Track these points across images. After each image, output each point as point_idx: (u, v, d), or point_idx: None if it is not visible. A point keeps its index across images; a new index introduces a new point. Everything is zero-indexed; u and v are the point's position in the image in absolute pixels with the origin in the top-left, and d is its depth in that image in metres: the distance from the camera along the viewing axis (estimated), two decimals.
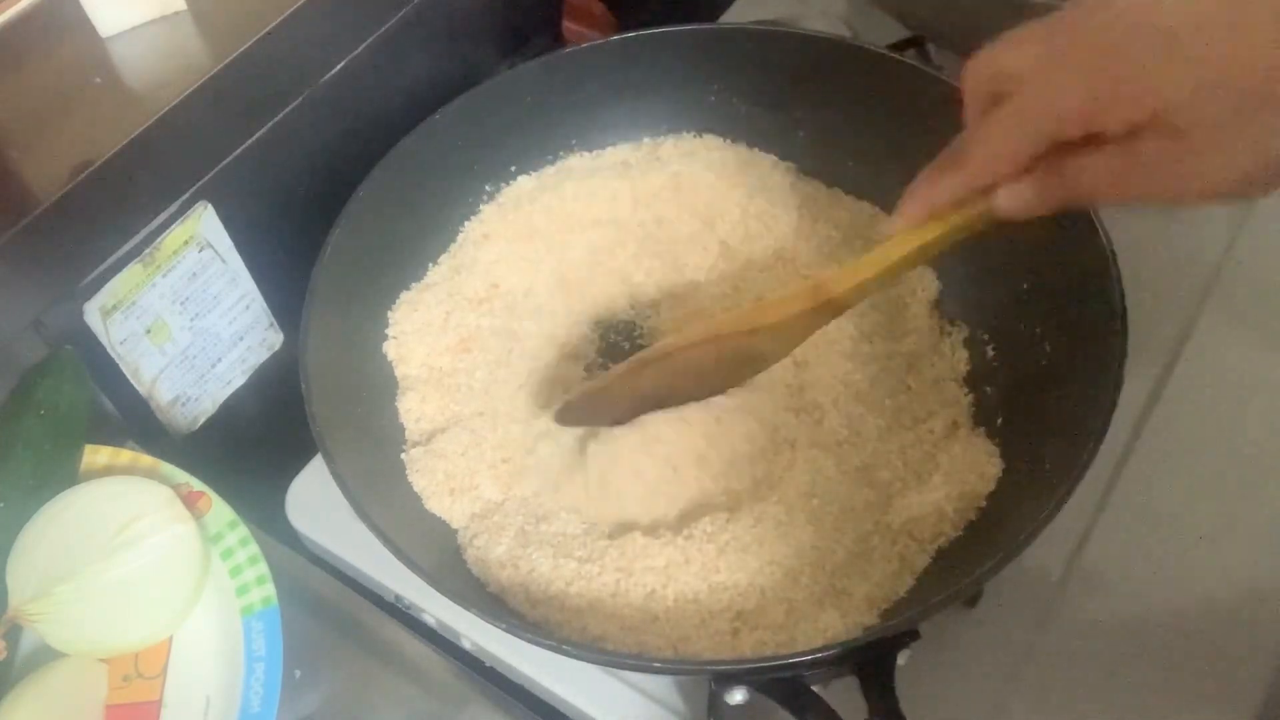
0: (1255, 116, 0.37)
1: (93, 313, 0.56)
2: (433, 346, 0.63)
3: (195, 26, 0.59)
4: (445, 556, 0.56)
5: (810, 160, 0.69)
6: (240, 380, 0.67)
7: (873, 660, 0.46)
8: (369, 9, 0.66)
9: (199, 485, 0.54)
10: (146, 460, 0.55)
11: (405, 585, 0.58)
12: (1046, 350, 0.57)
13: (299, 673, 0.53)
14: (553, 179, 0.69)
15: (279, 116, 0.62)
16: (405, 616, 0.59)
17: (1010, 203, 0.44)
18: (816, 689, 0.47)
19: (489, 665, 0.57)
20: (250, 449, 0.67)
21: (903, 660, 0.47)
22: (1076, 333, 0.54)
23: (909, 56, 0.70)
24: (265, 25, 0.58)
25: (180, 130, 0.56)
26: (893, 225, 0.48)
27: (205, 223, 0.59)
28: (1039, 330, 0.58)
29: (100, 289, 0.55)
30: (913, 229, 0.48)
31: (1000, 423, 0.58)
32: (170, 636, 0.52)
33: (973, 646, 0.55)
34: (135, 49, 0.58)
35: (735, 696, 0.47)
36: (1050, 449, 0.52)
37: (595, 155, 0.71)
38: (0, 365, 0.54)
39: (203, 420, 0.65)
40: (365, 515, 0.50)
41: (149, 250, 0.57)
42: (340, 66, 0.65)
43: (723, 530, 0.54)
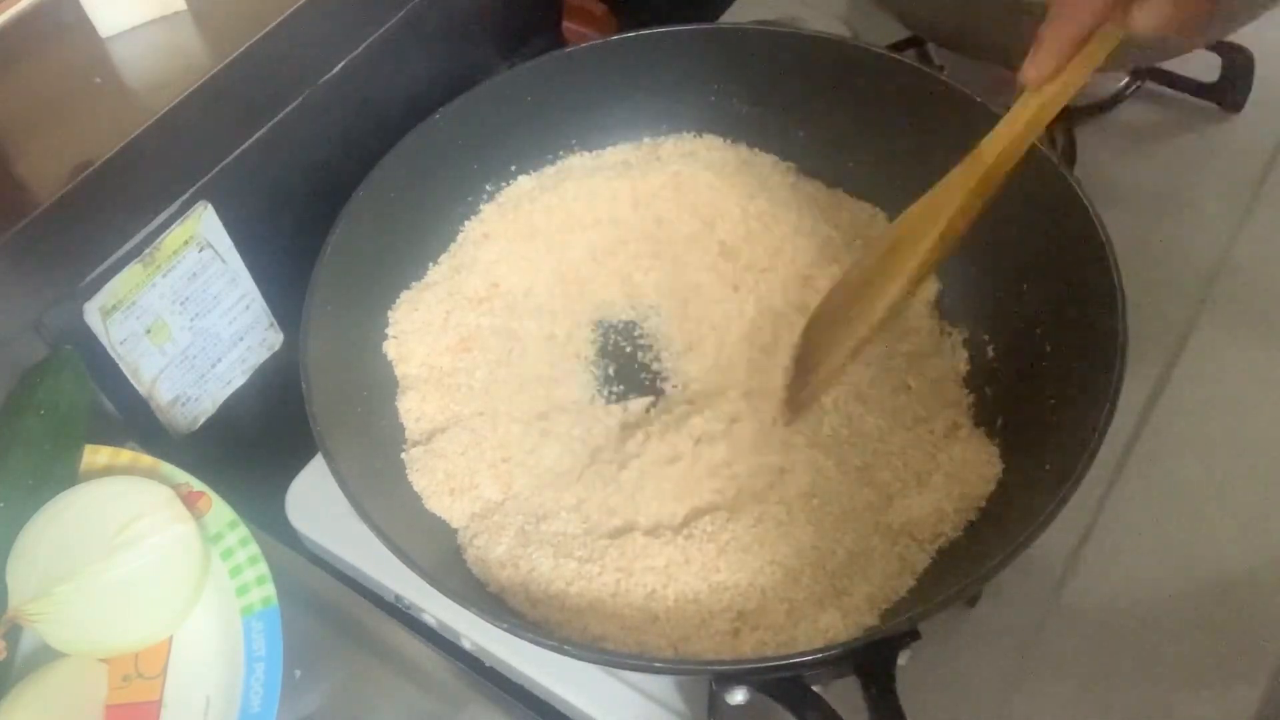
0: None
1: (93, 313, 0.56)
2: (433, 346, 0.63)
3: (195, 26, 0.59)
4: (445, 556, 0.56)
5: (810, 160, 0.69)
6: (240, 380, 0.67)
7: (873, 660, 0.46)
8: (369, 9, 0.66)
9: (199, 485, 0.54)
10: (146, 460, 0.55)
11: (405, 585, 0.58)
12: (1046, 350, 0.57)
13: (299, 673, 0.53)
14: (553, 179, 0.69)
15: (279, 116, 0.62)
16: (405, 616, 0.59)
17: (1145, 20, 0.41)
18: (817, 689, 0.47)
19: (489, 665, 0.57)
20: (250, 449, 0.67)
21: (903, 660, 0.47)
22: (1076, 333, 0.55)
23: (909, 56, 0.70)
24: (265, 25, 0.58)
25: (180, 130, 0.56)
26: (1026, 78, 0.46)
27: (205, 223, 0.59)
28: (1039, 331, 0.58)
29: (100, 289, 0.55)
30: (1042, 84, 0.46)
31: (1000, 423, 0.58)
32: (170, 636, 0.52)
33: (973, 646, 0.55)
34: (135, 49, 0.58)
35: (736, 696, 0.47)
36: (1050, 449, 0.52)
37: (595, 155, 0.71)
38: (0, 365, 0.54)
39: (203, 420, 0.65)
40: (365, 515, 0.50)
41: (149, 250, 0.57)
42: (340, 66, 0.65)
43: (723, 530, 0.54)
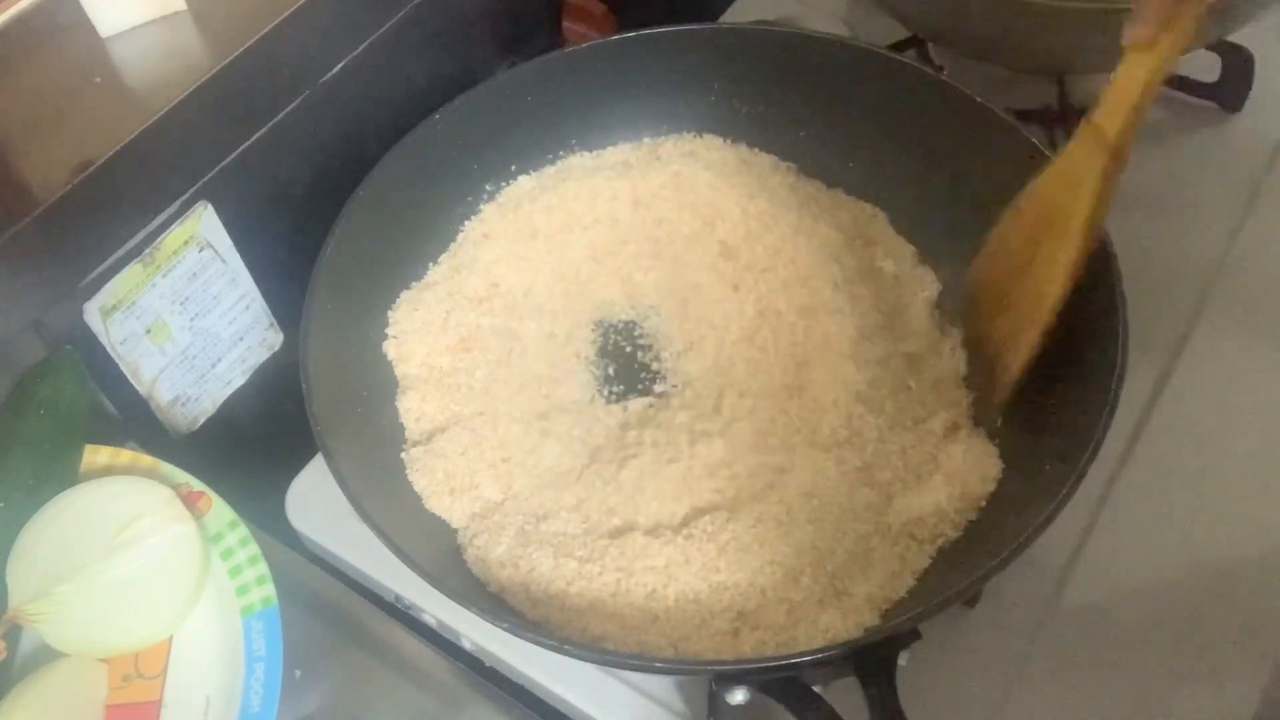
0: None
1: (93, 313, 0.56)
2: (433, 346, 0.63)
3: (195, 26, 0.59)
4: (445, 556, 0.56)
5: (811, 160, 0.69)
6: (240, 380, 0.67)
7: (874, 660, 0.46)
8: (369, 9, 0.66)
9: (199, 485, 0.54)
10: (146, 460, 0.55)
11: (405, 585, 0.58)
12: (1047, 350, 0.57)
13: (299, 673, 0.53)
14: (553, 179, 0.69)
15: (279, 116, 0.62)
16: (405, 616, 0.59)
17: None
18: (817, 689, 0.47)
19: (489, 665, 0.57)
20: (250, 449, 0.67)
21: (904, 660, 0.47)
22: (1076, 333, 0.54)
23: (909, 56, 0.70)
24: (265, 25, 0.58)
25: (180, 130, 0.56)
26: (1136, 36, 0.47)
27: (205, 223, 0.59)
28: None
29: (100, 289, 0.55)
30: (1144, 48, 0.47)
31: (1000, 423, 0.58)
32: (170, 636, 0.52)
33: (973, 646, 0.55)
34: (135, 49, 0.58)
35: (736, 696, 0.47)
36: (1050, 449, 0.52)
37: (596, 155, 0.71)
38: (0, 365, 0.54)
39: (203, 420, 0.65)
40: (365, 514, 0.50)
41: (149, 250, 0.57)
42: (340, 66, 0.65)
43: (723, 530, 0.54)
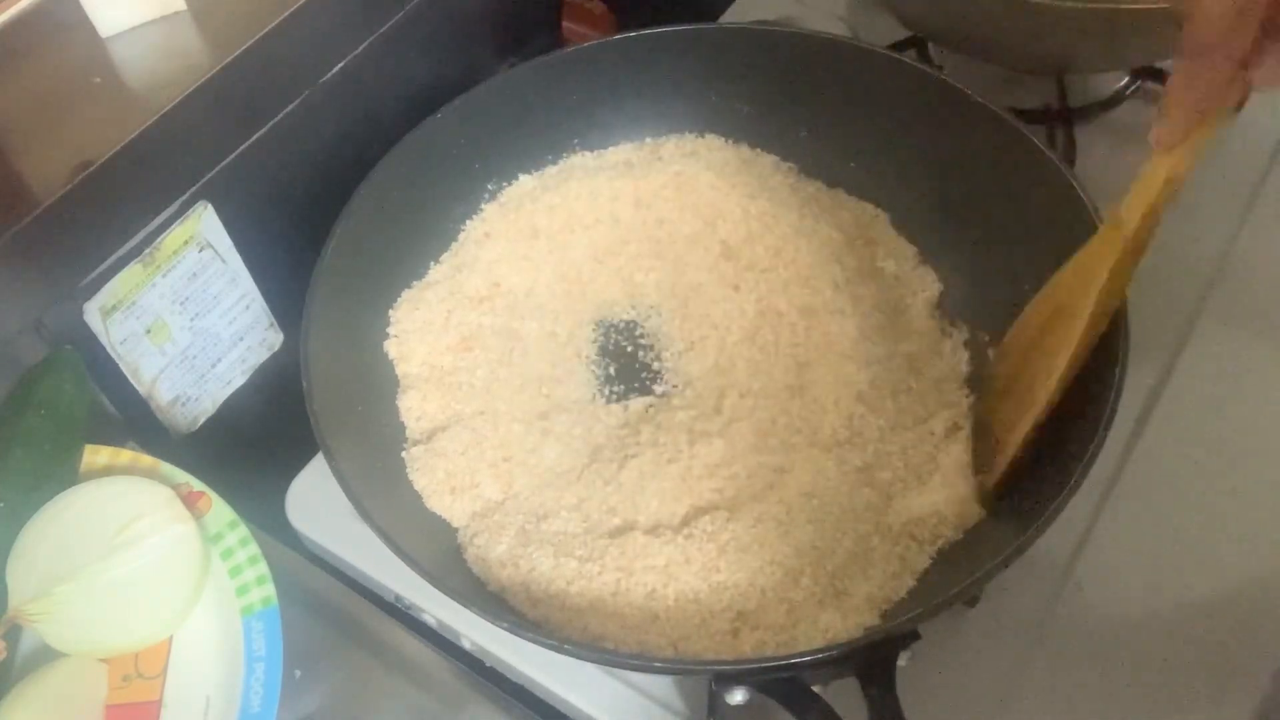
0: None
1: (93, 313, 0.56)
2: (434, 345, 0.63)
3: (195, 26, 0.59)
4: (445, 555, 0.56)
5: (812, 160, 0.69)
6: (240, 380, 0.67)
7: (873, 661, 0.46)
8: (369, 9, 0.66)
9: (199, 485, 0.54)
10: (146, 460, 0.55)
11: (405, 585, 0.58)
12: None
13: (299, 673, 0.53)
14: (554, 178, 0.69)
15: (279, 116, 0.62)
16: (405, 616, 0.59)
17: (1271, 75, 0.41)
18: (817, 689, 0.47)
19: (489, 665, 0.57)
20: (250, 449, 0.67)
21: (903, 661, 0.47)
22: None
23: (909, 56, 0.70)
24: (265, 25, 0.58)
25: (180, 130, 0.56)
26: (1157, 141, 0.46)
27: (205, 223, 0.59)
28: None
29: (100, 289, 0.55)
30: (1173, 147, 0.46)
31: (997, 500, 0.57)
32: (170, 636, 0.52)
33: (973, 647, 0.55)
34: (135, 49, 0.58)
35: (736, 696, 0.47)
36: (1051, 449, 0.52)
37: (597, 155, 0.71)
38: (0, 365, 0.54)
39: (203, 420, 0.65)
40: (366, 514, 0.50)
41: (149, 250, 0.57)
42: (340, 66, 0.65)
43: (723, 530, 0.54)
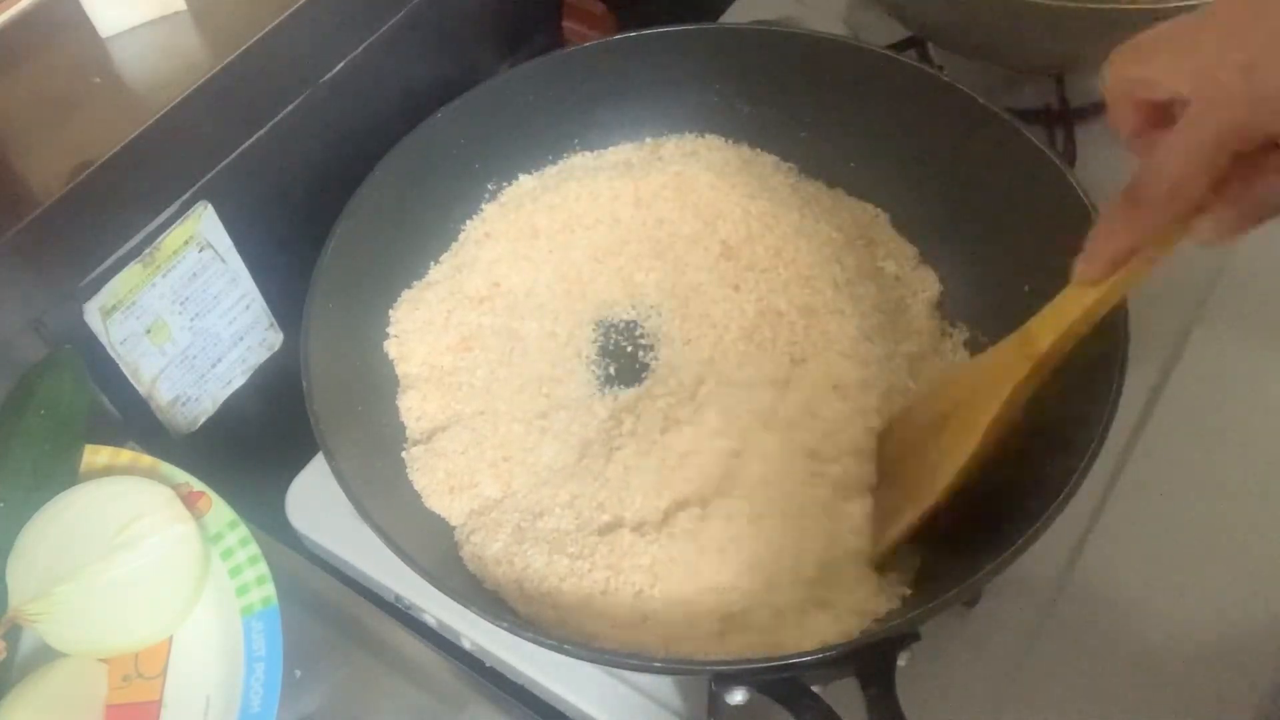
0: None
1: (93, 313, 0.56)
2: (434, 345, 0.63)
3: (195, 26, 0.59)
4: (445, 556, 0.56)
5: (812, 161, 0.69)
6: (240, 380, 0.67)
7: (873, 661, 0.46)
8: (369, 9, 0.66)
9: (199, 485, 0.54)
10: (146, 460, 0.55)
11: (405, 585, 0.58)
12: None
13: (299, 673, 0.53)
14: (555, 178, 0.69)
15: (279, 116, 0.62)
16: (405, 616, 0.59)
17: (1213, 232, 0.40)
18: (816, 689, 0.47)
19: (489, 665, 0.57)
20: (250, 449, 0.67)
21: (903, 661, 0.47)
22: None
23: (909, 56, 0.70)
24: (265, 25, 0.58)
25: (180, 130, 0.56)
26: (1079, 274, 0.46)
27: (205, 223, 0.59)
28: None
29: (100, 289, 0.55)
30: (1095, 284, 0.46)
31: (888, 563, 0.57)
32: (170, 636, 0.52)
33: (973, 647, 0.55)
34: (135, 49, 0.58)
35: (735, 696, 0.47)
36: (1051, 449, 0.52)
37: (597, 155, 0.71)
38: (0, 365, 0.54)
39: (203, 420, 0.65)
40: (365, 514, 0.50)
41: (149, 250, 0.57)
42: (340, 66, 0.65)
43: (699, 528, 0.53)
